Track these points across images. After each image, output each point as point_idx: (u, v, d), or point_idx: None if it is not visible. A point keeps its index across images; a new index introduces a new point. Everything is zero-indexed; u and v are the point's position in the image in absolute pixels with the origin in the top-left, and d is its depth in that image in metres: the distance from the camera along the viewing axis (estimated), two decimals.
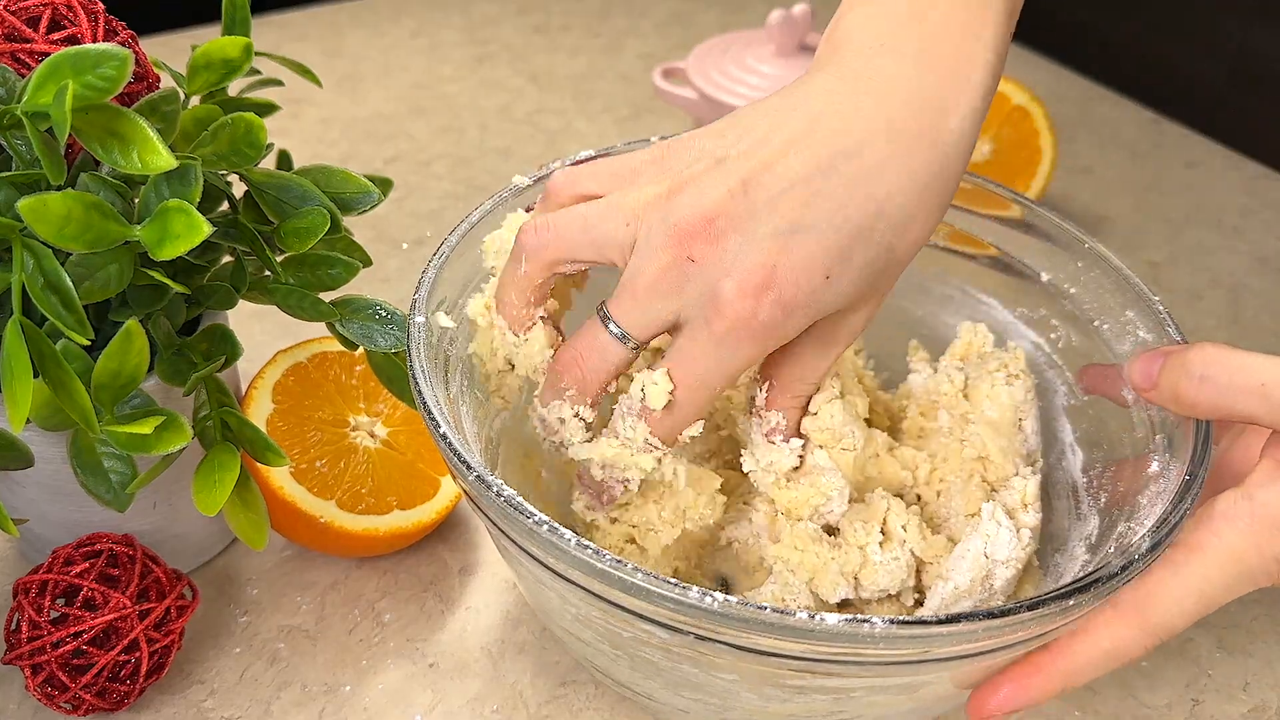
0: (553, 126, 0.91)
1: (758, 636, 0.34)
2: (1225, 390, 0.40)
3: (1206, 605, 0.39)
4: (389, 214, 0.78)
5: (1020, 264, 0.52)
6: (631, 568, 0.34)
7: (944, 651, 0.35)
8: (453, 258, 0.46)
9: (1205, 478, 0.40)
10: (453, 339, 0.45)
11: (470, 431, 0.44)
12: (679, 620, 0.35)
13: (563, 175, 0.42)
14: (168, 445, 0.41)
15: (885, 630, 0.34)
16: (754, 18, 1.07)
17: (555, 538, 0.35)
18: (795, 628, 0.34)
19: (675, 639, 0.36)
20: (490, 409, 0.47)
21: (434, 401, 0.40)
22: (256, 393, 0.51)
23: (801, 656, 0.35)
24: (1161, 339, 0.45)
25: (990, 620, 0.35)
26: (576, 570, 0.36)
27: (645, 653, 0.39)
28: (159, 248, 0.39)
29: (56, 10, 0.43)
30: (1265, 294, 0.76)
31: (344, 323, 0.46)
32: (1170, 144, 0.92)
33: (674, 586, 0.34)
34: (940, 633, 0.34)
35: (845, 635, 0.34)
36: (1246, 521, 0.39)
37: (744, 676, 0.38)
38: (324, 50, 1.00)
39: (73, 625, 0.43)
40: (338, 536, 0.50)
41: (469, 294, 0.46)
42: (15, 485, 0.48)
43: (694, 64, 0.79)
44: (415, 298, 0.43)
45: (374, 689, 0.48)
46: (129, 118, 0.39)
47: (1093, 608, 0.37)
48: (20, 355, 0.38)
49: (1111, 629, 0.39)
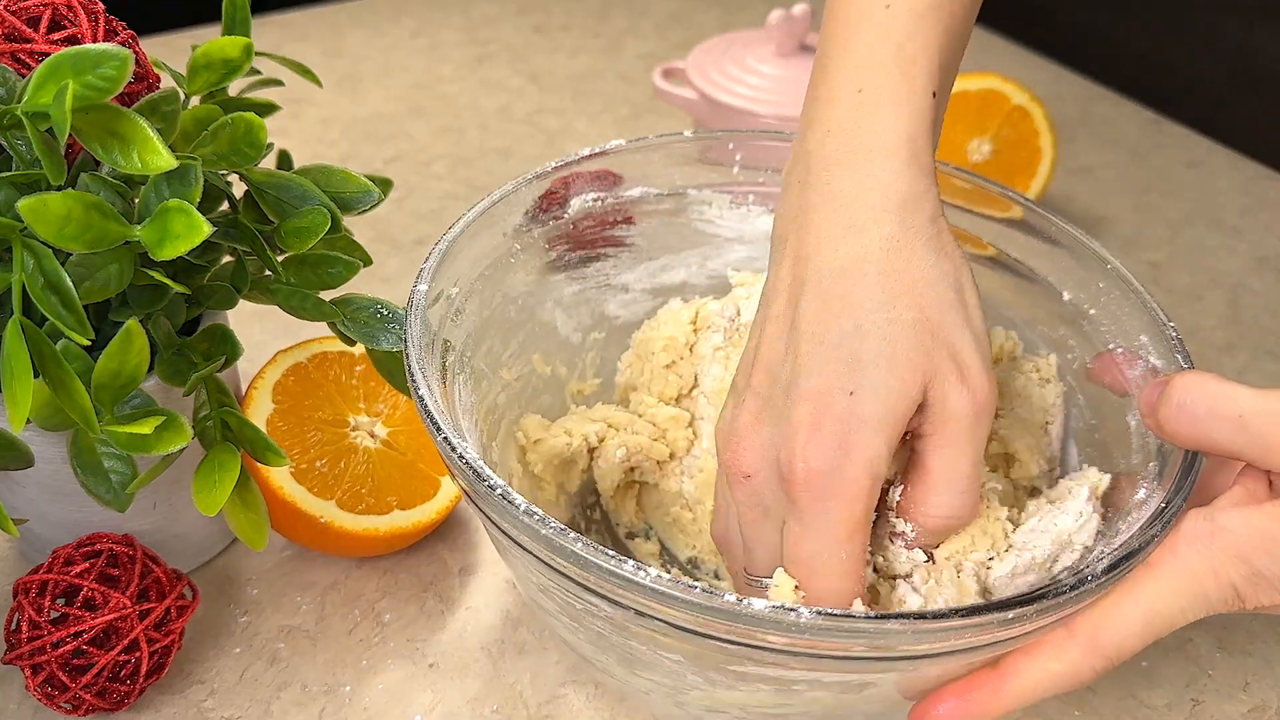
0: (553, 126, 0.91)
1: (688, 615, 0.35)
2: (1202, 420, 0.38)
3: (1158, 628, 0.37)
4: (389, 214, 0.78)
5: (1045, 281, 0.51)
6: (573, 537, 0.35)
7: (872, 649, 0.35)
8: (466, 234, 0.47)
9: (1182, 506, 0.39)
10: (459, 311, 0.46)
11: (467, 401, 0.45)
12: (616, 593, 0.36)
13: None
14: (168, 445, 0.41)
15: (810, 620, 0.34)
16: (754, 18, 1.07)
17: (505, 503, 0.36)
18: (722, 609, 0.34)
19: (618, 612, 0.37)
20: (495, 381, 0.49)
21: (419, 364, 0.41)
22: (256, 393, 0.51)
23: (730, 640, 0.35)
24: (1170, 366, 0.44)
25: (920, 622, 0.34)
26: (525, 536, 0.37)
27: (596, 626, 0.39)
28: (159, 248, 0.39)
29: (57, 10, 0.43)
30: (1265, 294, 0.76)
31: (345, 322, 0.46)
32: (1170, 144, 0.92)
33: (610, 558, 0.35)
34: (866, 628, 0.34)
35: (770, 621, 0.34)
36: (1205, 544, 0.37)
37: (688, 658, 0.38)
38: (324, 50, 1.00)
39: (73, 625, 0.43)
40: (338, 536, 0.50)
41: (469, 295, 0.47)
42: (15, 485, 0.48)
43: (694, 64, 0.79)
44: (424, 266, 0.45)
45: (374, 689, 0.48)
46: (129, 118, 0.39)
47: (1040, 624, 0.36)
48: (20, 355, 0.38)
49: (1061, 649, 0.37)
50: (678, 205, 0.55)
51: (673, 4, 1.12)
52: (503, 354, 0.50)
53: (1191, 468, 0.40)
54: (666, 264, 0.55)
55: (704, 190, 0.54)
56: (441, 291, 0.45)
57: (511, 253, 0.50)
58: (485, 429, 0.47)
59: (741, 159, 0.54)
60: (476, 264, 0.48)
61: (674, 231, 0.55)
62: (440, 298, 0.45)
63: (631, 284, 0.55)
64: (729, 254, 0.56)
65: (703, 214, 0.55)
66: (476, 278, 0.48)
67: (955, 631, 0.35)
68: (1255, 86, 0.91)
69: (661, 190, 0.54)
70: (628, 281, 0.55)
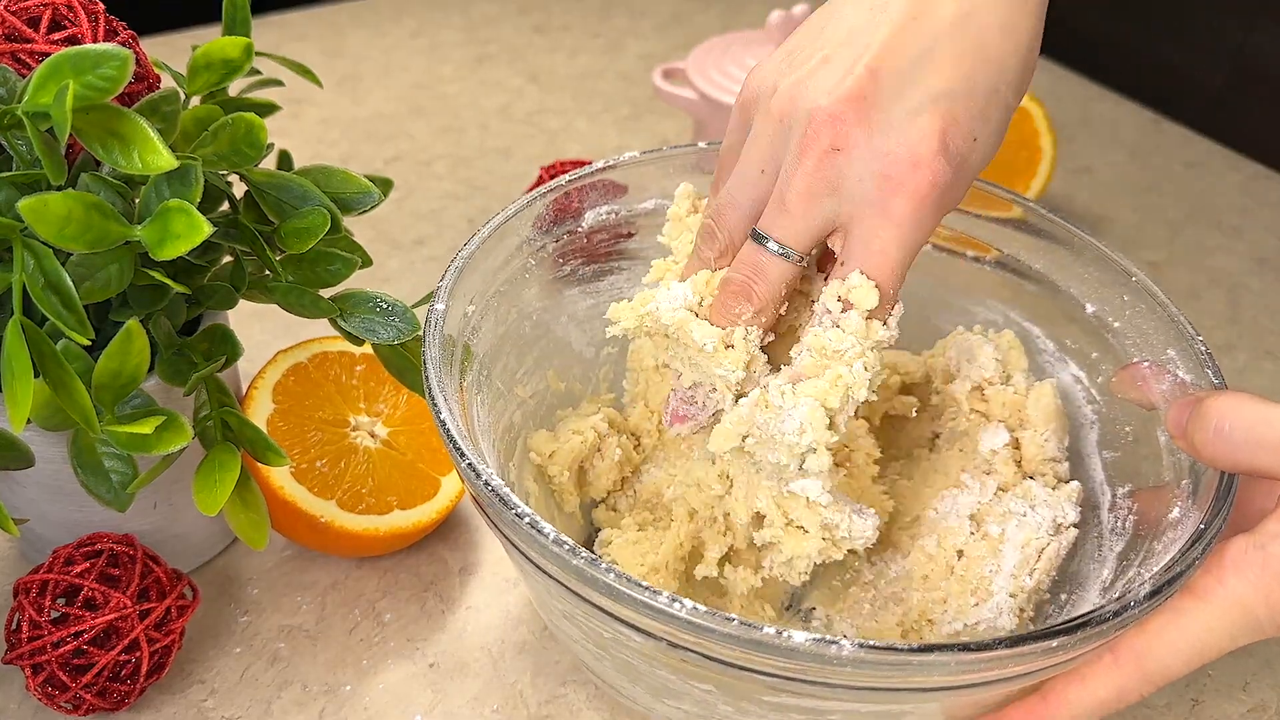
0: (553, 126, 0.91)
1: (725, 648, 0.34)
2: (1242, 446, 0.38)
3: (1207, 655, 0.37)
4: (389, 214, 0.78)
5: (1067, 294, 0.51)
6: (605, 567, 0.34)
7: (914, 681, 0.35)
8: (482, 250, 0.46)
9: (1222, 528, 0.38)
10: (475, 329, 0.46)
11: (484, 421, 0.45)
12: (649, 625, 0.35)
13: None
14: (168, 445, 0.41)
15: (853, 653, 0.33)
16: (754, 18, 1.07)
17: (534, 532, 0.35)
18: (761, 642, 0.33)
19: (649, 643, 0.36)
20: (510, 400, 0.48)
21: (439, 386, 0.40)
22: (257, 393, 0.51)
23: (767, 672, 0.35)
24: (1200, 380, 0.44)
25: (965, 654, 0.34)
26: (554, 565, 0.36)
27: (625, 655, 0.39)
28: (159, 248, 0.39)
29: (57, 10, 0.43)
30: (1264, 294, 0.76)
31: (346, 318, 0.46)
32: (1170, 144, 0.92)
33: (644, 590, 0.34)
34: (910, 661, 0.34)
35: (810, 654, 0.33)
36: (1257, 573, 0.37)
37: (720, 688, 0.38)
38: (324, 50, 1.00)
39: (73, 625, 0.43)
40: (338, 536, 0.50)
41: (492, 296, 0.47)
42: (16, 485, 0.48)
43: (694, 64, 0.79)
44: (441, 284, 0.44)
45: (374, 689, 0.48)
46: (129, 118, 0.39)
47: (1083, 651, 0.36)
48: (21, 355, 0.38)
49: (1108, 676, 0.38)
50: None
51: (673, 4, 1.12)
52: (518, 370, 0.50)
53: (1229, 490, 0.39)
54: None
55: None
56: (459, 310, 0.45)
57: (526, 268, 0.50)
58: (502, 449, 0.47)
59: None
60: (491, 280, 0.48)
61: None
62: (457, 316, 0.45)
63: None
64: None
65: None
66: (492, 294, 0.48)
67: (999, 662, 0.34)
68: (1255, 86, 0.91)
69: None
70: None
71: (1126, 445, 0.48)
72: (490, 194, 0.82)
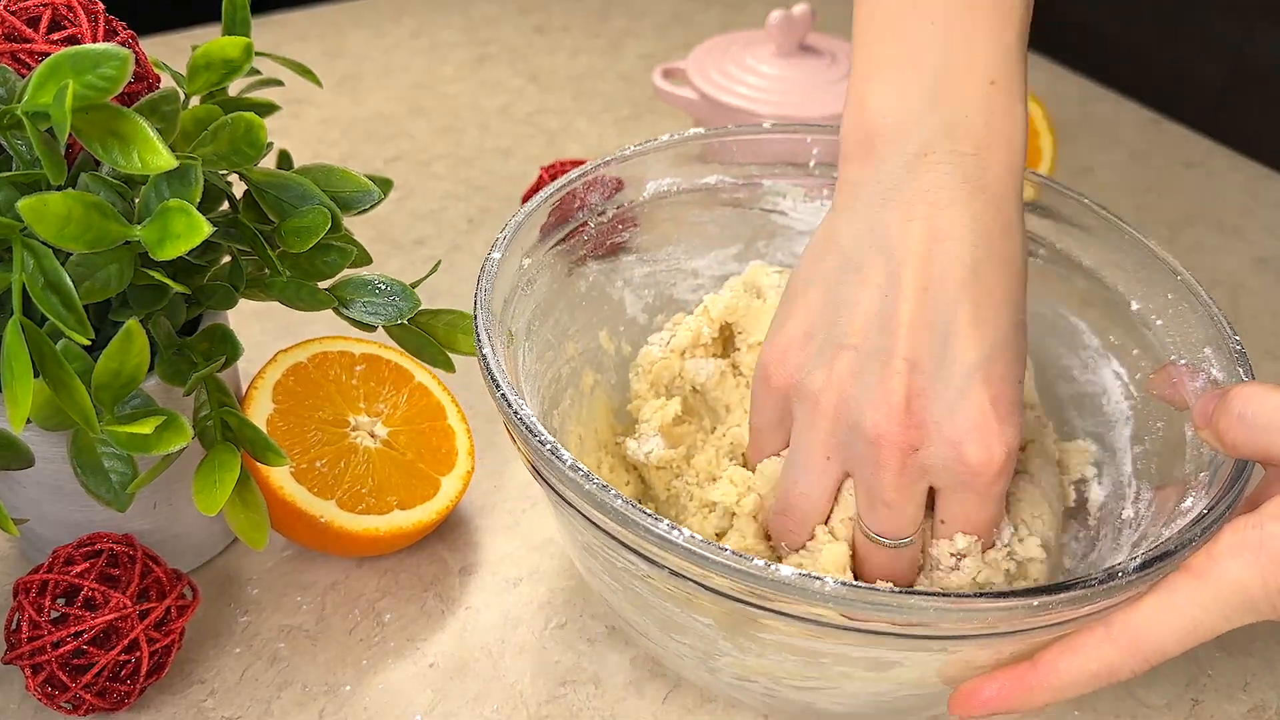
0: (553, 126, 0.91)
1: (717, 577, 0.36)
2: (1263, 431, 0.38)
3: (1201, 633, 0.38)
4: (389, 214, 0.78)
5: (1115, 290, 0.51)
6: (614, 493, 0.37)
7: (897, 625, 0.35)
8: (530, 219, 0.48)
9: (1226, 514, 0.39)
10: (530, 281, 0.48)
11: (531, 368, 0.47)
12: (650, 550, 0.37)
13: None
14: (168, 445, 0.41)
15: (835, 590, 0.34)
16: (754, 18, 1.07)
17: (553, 458, 0.38)
18: (751, 574, 0.35)
19: (653, 571, 0.38)
20: (560, 353, 0.50)
21: (486, 327, 0.43)
22: (257, 393, 0.51)
23: (756, 604, 0.36)
24: (1231, 379, 0.44)
25: (943, 600, 0.35)
26: (570, 490, 0.38)
27: (635, 586, 0.40)
28: (159, 247, 0.39)
29: (57, 10, 0.43)
30: (1265, 294, 0.76)
31: (347, 305, 0.46)
32: (1170, 144, 0.92)
33: (646, 515, 0.36)
34: (890, 603, 0.35)
35: (795, 587, 0.35)
36: (1254, 553, 0.37)
37: (719, 622, 0.39)
38: (324, 50, 1.00)
39: (73, 625, 0.43)
40: (338, 536, 0.50)
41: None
42: (16, 485, 0.48)
43: (694, 64, 0.79)
44: (499, 236, 0.46)
45: (374, 689, 0.48)
46: (129, 118, 0.39)
47: (1068, 615, 0.36)
48: (20, 355, 0.38)
49: (1100, 649, 0.38)
50: (751, 195, 0.56)
51: (673, 4, 1.12)
52: (570, 327, 0.51)
53: (1240, 475, 0.40)
54: (738, 253, 0.56)
55: (779, 182, 0.55)
56: (514, 262, 0.47)
57: (586, 232, 0.51)
58: (548, 396, 0.49)
59: (818, 154, 0.55)
60: (549, 238, 0.50)
61: (745, 221, 0.56)
62: (512, 269, 0.47)
63: (701, 270, 0.56)
64: (798, 245, 0.56)
65: (776, 204, 0.56)
66: (548, 250, 0.50)
67: (980, 614, 0.35)
68: (1255, 86, 0.91)
69: (736, 180, 0.55)
70: (698, 267, 0.56)
71: (1157, 441, 0.48)
72: (490, 194, 0.82)
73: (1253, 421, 0.39)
